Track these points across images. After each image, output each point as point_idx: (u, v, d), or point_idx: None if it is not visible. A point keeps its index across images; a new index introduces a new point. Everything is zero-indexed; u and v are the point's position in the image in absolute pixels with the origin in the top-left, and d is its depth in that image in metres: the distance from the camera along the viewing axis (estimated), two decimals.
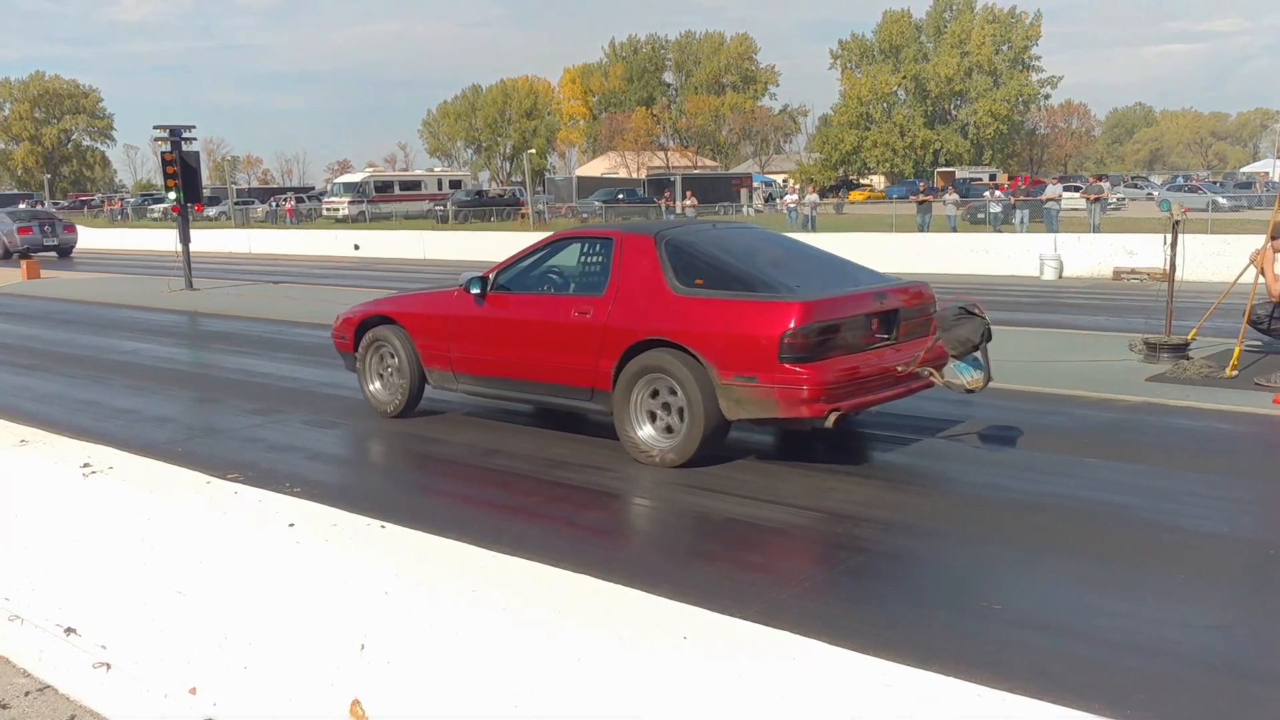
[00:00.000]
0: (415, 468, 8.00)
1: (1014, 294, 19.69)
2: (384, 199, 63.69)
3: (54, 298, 21.40)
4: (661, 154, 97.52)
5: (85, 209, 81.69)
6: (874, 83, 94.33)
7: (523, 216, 52.86)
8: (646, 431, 7.34)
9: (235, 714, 3.40)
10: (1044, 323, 14.70)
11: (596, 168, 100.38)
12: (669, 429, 7.23)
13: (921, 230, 32.95)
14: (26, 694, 4.11)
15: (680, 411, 7.13)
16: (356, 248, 37.19)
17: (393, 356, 9.05)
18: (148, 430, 8.93)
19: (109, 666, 3.90)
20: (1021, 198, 36.64)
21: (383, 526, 3.53)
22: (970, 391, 7.36)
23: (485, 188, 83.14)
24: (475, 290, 8.40)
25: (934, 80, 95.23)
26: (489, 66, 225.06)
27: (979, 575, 5.32)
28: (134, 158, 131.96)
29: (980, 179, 69.02)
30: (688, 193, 49.14)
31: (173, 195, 21.09)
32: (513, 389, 8.38)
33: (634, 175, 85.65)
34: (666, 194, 49.61)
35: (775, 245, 8.70)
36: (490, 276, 8.47)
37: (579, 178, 79.08)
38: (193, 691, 3.54)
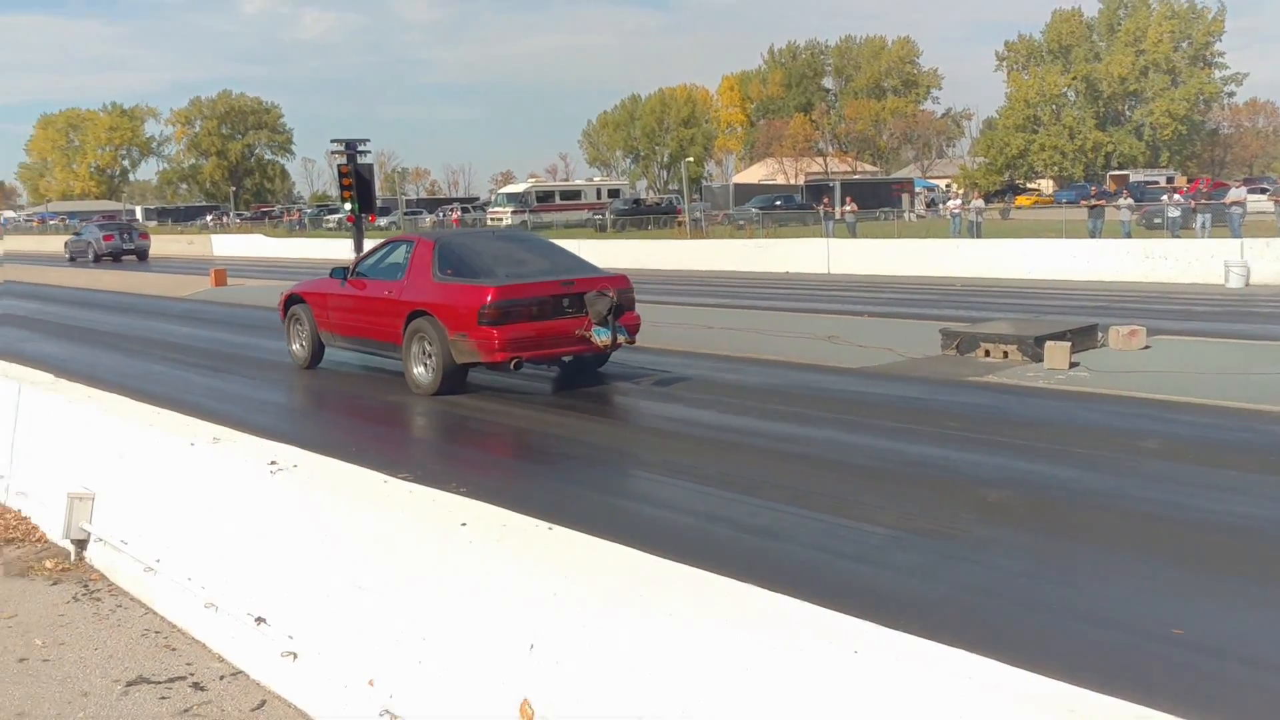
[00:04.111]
0: (589, 480, 8.15)
1: (1196, 302, 18.71)
2: (545, 208, 64.97)
3: (237, 304, 22.63)
4: (820, 159, 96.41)
5: (266, 219, 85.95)
6: (1042, 84, 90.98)
7: (679, 224, 53.01)
8: (419, 371, 10.73)
9: (410, 707, 3.53)
10: (1229, 333, 13.90)
11: (754, 174, 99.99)
12: (427, 370, 10.62)
13: (1093, 236, 31.63)
14: (221, 678, 4.37)
15: (432, 358, 10.51)
16: None
17: (301, 324, 12.84)
18: (325, 429, 9.37)
19: (295, 656, 4.11)
20: (1203, 201, 34.77)
21: (550, 528, 3.62)
22: (604, 347, 10.42)
23: (643, 196, 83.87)
24: (340, 277, 12.14)
25: (1106, 80, 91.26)
26: (648, 76, 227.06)
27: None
28: (310, 170, 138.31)
29: (1156, 182, 65.78)
30: (847, 198, 48.37)
31: (348, 206, 21.98)
32: (362, 345, 11.99)
33: (792, 181, 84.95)
34: (825, 200, 48.99)
35: (523, 247, 12.23)
36: (351, 266, 12.25)
37: (736, 185, 78.90)
38: (371, 683, 3.70)
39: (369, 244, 15.02)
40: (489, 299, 10.02)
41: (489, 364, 10.29)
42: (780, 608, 2.81)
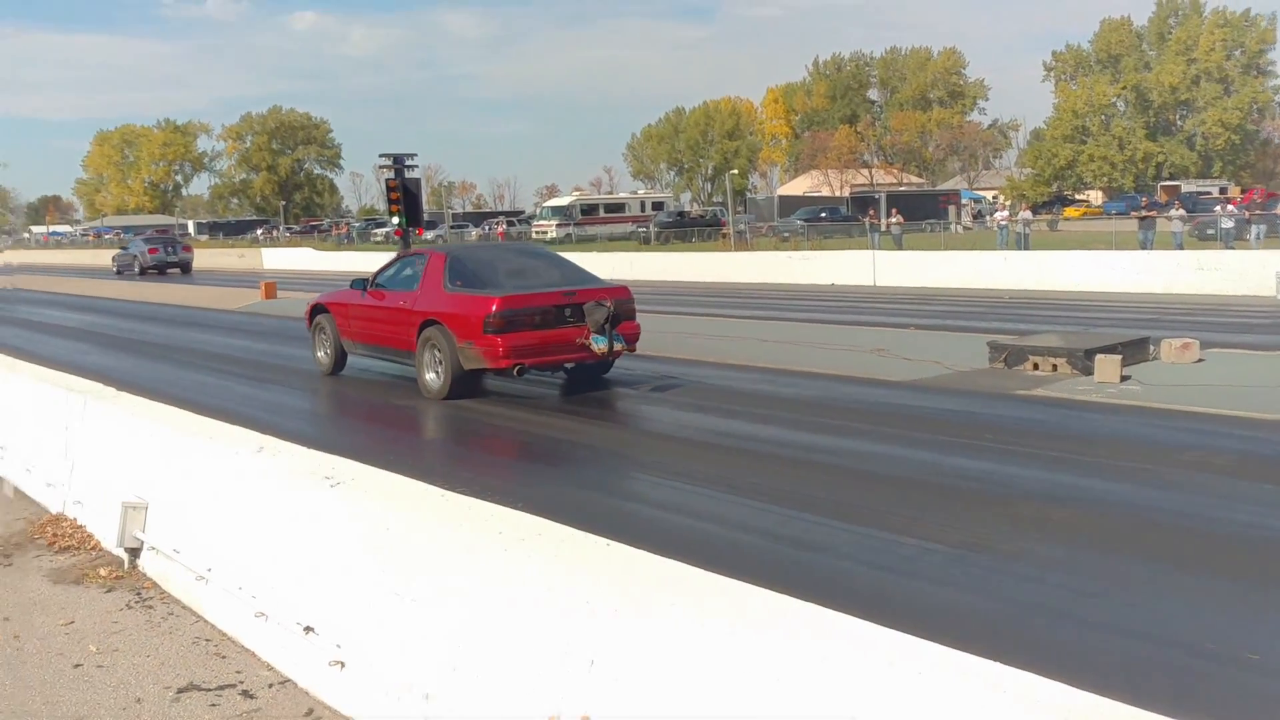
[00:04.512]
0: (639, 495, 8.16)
1: (1250, 315, 18.39)
2: (589, 221, 65.26)
3: (286, 316, 22.88)
4: (865, 171, 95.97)
5: (315, 233, 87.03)
6: (1091, 94, 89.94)
7: (724, 237, 52.99)
8: (430, 377, 11.32)
9: (456, 717, 3.55)
10: None
11: (798, 186, 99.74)
12: (438, 376, 11.19)
13: (1144, 247, 31.17)
14: (270, 686, 4.43)
15: (441, 364, 11.09)
16: None
17: (325, 333, 13.48)
18: (371, 439, 9.47)
19: (343, 665, 4.15)
20: (1257, 212, 34.16)
21: (608, 544, 3.63)
22: (602, 354, 11.02)
23: (686, 209, 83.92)
24: (360, 288, 12.82)
25: (1157, 89, 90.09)
26: (692, 89, 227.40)
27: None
28: (358, 184, 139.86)
29: (1209, 193, 64.72)
30: (893, 210, 48.08)
31: (396, 220, 22.25)
32: (380, 353, 12.61)
33: (837, 193, 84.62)
34: (870, 212, 48.76)
35: (529, 259, 13.06)
36: (370, 278, 12.88)
37: (780, 197, 78.75)
38: (417, 693, 3.73)
39: None
40: (494, 308, 10.66)
41: (494, 369, 10.91)
42: (814, 618, 2.80)
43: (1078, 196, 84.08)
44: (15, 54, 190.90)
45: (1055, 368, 11.44)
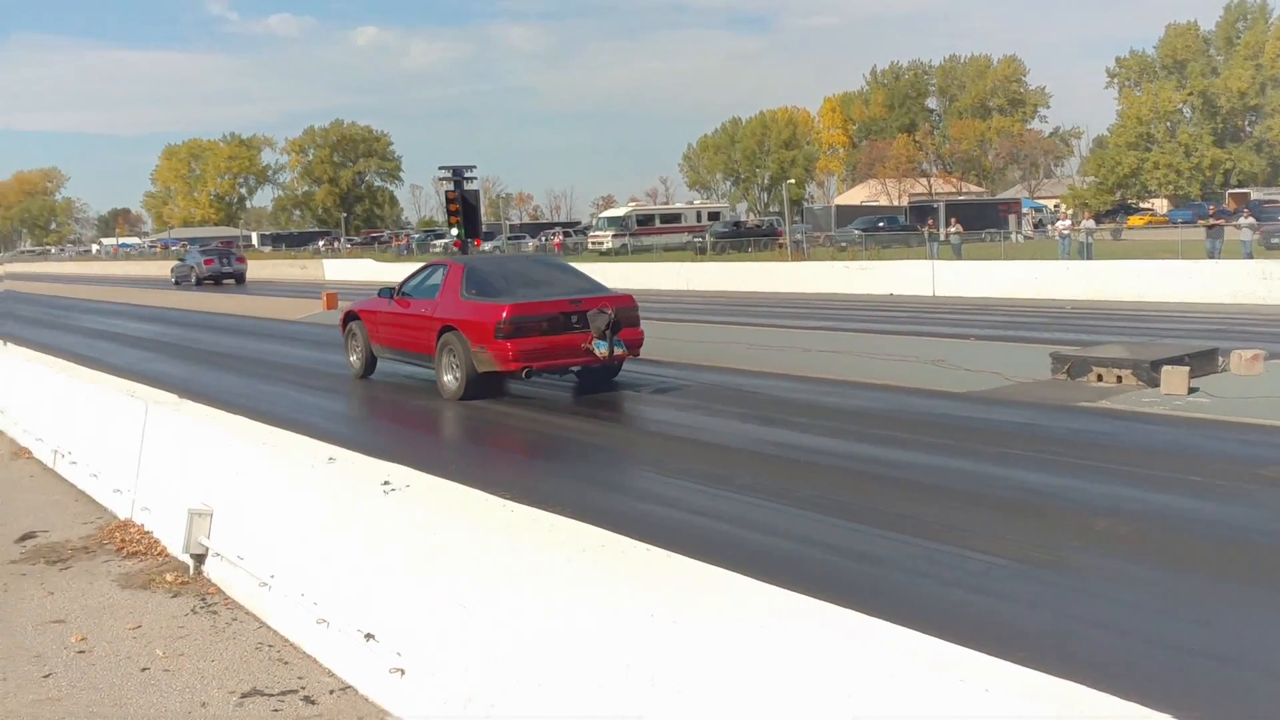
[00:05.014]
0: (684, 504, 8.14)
1: None
2: (645, 231, 65.30)
3: None
4: (924, 180, 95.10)
5: (375, 245, 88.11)
6: (1156, 100, 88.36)
7: (780, 246, 52.80)
8: (448, 379, 12.10)
9: None
10: None
11: (856, 196, 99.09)
12: (455, 378, 11.99)
13: (1211, 257, 30.52)
14: (331, 692, 4.47)
15: (458, 367, 11.87)
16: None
17: (356, 339, 14.36)
18: (436, 451, 9.54)
19: (403, 672, 4.18)
20: None
21: (648, 550, 3.62)
22: (603, 360, 11.80)
23: (743, 219, 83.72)
24: (387, 296, 13.65)
25: (1225, 95, 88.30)
26: (749, 99, 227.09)
27: None
28: (418, 196, 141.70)
29: (1278, 200, 63.27)
30: (952, 219, 47.59)
31: (455, 231, 22.48)
32: (405, 357, 13.40)
33: (894, 202, 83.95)
34: (929, 221, 48.31)
35: (542, 270, 14.05)
36: (397, 286, 13.73)
37: (837, 206, 78.30)
38: (475, 701, 3.74)
39: None
40: (504, 315, 11.44)
41: (504, 372, 11.65)
42: (883, 634, 2.76)
43: (1142, 205, 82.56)
44: (90, 71, 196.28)
45: (1120, 379, 11.22)
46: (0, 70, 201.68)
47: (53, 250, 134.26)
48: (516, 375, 11.68)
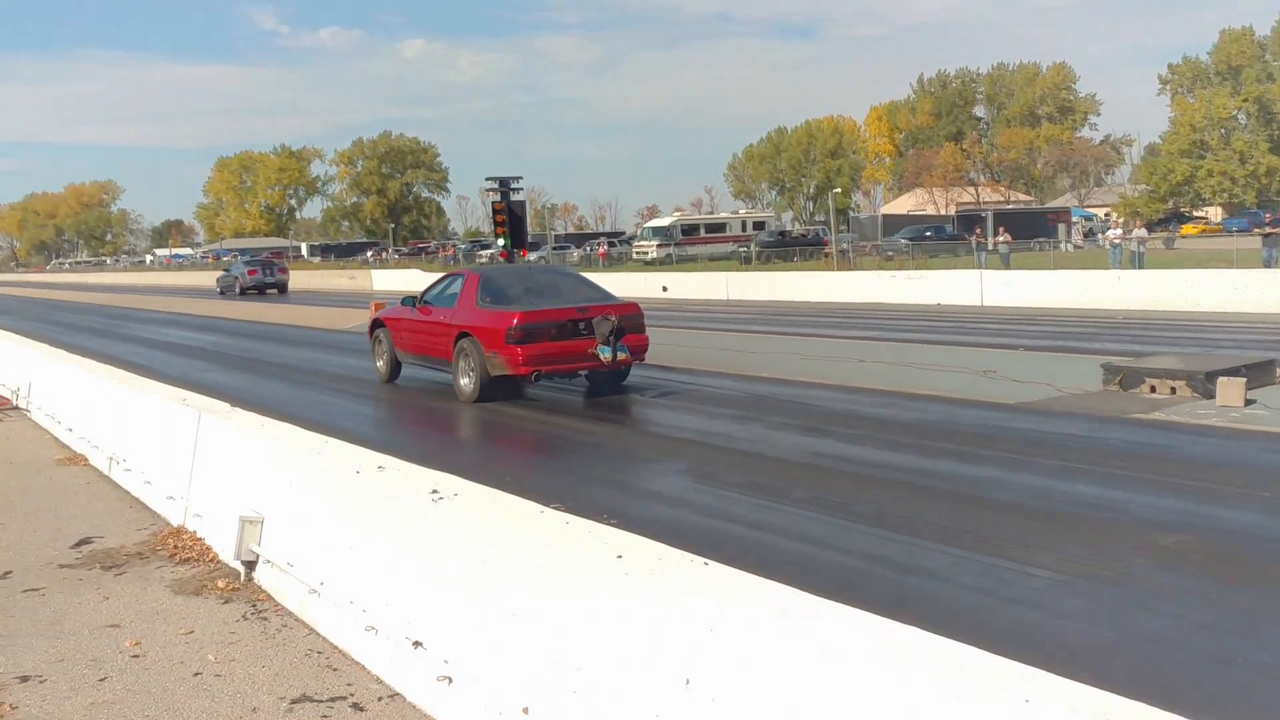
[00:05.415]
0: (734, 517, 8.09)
1: None
2: (690, 241, 65.23)
3: None
4: (971, 189, 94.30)
5: (423, 255, 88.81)
6: (1209, 107, 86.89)
7: (826, 256, 52.52)
8: (464, 382, 12.82)
9: None
10: None
11: (902, 205, 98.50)
12: (470, 381, 12.69)
13: (1268, 266, 29.92)
14: (379, 699, 4.48)
15: (472, 371, 12.61)
16: (665, 289, 38.28)
17: (382, 345, 15.12)
18: (480, 457, 9.57)
19: (450, 680, 4.18)
20: None
21: (705, 563, 3.58)
22: (606, 364, 12.37)
23: (788, 228, 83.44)
24: (411, 304, 14.39)
25: None
26: (794, 108, 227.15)
27: None
28: (464, 207, 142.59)
29: None
30: (1000, 228, 47.11)
31: (501, 241, 22.60)
32: (426, 362, 14.11)
33: (942, 211, 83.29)
34: (977, 230, 47.84)
35: (553, 280, 14.75)
36: (419, 295, 14.47)
37: (884, 215, 77.88)
38: (525, 711, 3.73)
39: None
40: (515, 322, 12.17)
41: (514, 376, 12.31)
42: (943, 651, 2.71)
43: (1195, 213, 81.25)
44: (145, 85, 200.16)
45: (1174, 390, 11.02)
46: (59, 84, 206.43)
47: (108, 261, 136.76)
48: (526, 379, 12.35)
